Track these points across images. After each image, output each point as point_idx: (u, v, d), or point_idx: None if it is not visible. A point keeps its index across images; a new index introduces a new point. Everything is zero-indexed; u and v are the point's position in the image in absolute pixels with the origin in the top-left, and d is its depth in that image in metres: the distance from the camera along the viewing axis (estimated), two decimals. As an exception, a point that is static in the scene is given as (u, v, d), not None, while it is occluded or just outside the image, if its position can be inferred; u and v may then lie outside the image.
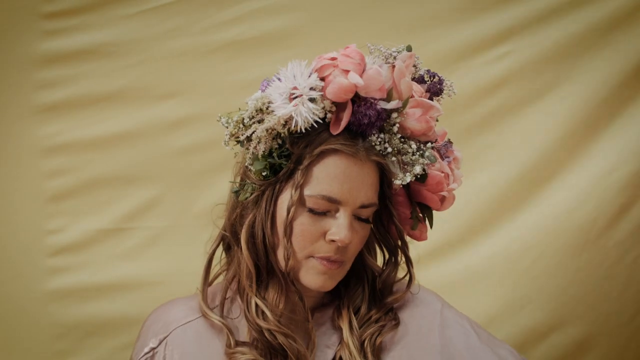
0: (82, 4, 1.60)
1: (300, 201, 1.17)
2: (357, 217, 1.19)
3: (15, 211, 1.60)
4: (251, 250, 1.21)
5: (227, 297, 1.28)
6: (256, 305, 1.21)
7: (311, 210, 1.17)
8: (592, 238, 1.80)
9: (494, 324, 1.76)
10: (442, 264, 1.78)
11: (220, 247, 1.32)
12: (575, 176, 1.79)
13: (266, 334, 1.20)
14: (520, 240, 1.79)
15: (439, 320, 1.31)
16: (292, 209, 1.16)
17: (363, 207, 1.18)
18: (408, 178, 1.19)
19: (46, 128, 1.61)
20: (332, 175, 1.16)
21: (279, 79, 1.18)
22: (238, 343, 1.23)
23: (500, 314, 1.79)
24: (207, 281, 1.30)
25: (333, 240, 1.17)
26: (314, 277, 1.19)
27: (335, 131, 1.16)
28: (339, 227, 1.16)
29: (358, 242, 1.21)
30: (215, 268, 1.32)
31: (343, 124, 1.15)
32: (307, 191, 1.16)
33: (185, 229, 1.66)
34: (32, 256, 1.60)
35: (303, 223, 1.17)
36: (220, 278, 1.32)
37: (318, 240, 1.18)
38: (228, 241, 1.30)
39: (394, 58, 1.22)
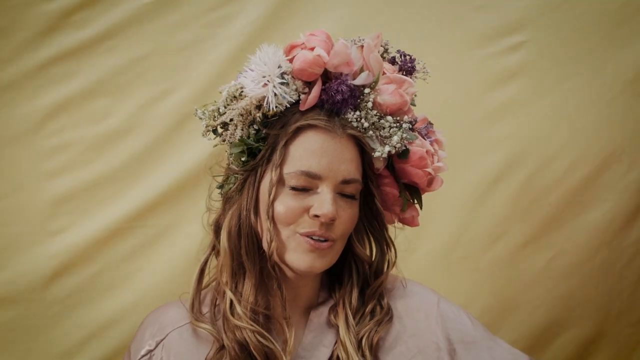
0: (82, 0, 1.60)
1: (281, 181, 1.16)
2: (341, 195, 1.18)
3: (16, 212, 1.57)
4: (232, 240, 1.20)
5: (217, 302, 1.26)
6: (230, 301, 1.20)
7: (293, 189, 1.16)
8: (607, 239, 1.76)
9: (507, 324, 1.72)
10: (453, 263, 1.73)
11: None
12: (590, 175, 1.76)
13: (237, 333, 1.18)
14: (535, 240, 1.75)
15: (436, 312, 1.28)
16: (273, 190, 1.16)
17: (345, 182, 1.17)
18: (387, 149, 1.19)
19: (47, 127, 1.60)
20: (309, 151, 1.16)
21: (250, 70, 1.20)
22: (223, 346, 1.20)
23: (512, 313, 1.74)
24: (198, 290, 1.28)
25: (317, 216, 1.15)
26: (302, 255, 1.17)
27: (303, 107, 1.17)
28: (321, 202, 1.15)
29: (346, 220, 1.19)
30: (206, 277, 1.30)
31: (311, 97, 1.17)
32: (286, 169, 1.16)
33: (187, 228, 1.63)
34: (33, 257, 1.57)
35: (285, 202, 1.16)
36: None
37: (301, 216, 1.17)
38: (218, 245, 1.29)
39: (363, 41, 1.24)
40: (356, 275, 1.26)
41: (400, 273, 1.33)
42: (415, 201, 1.29)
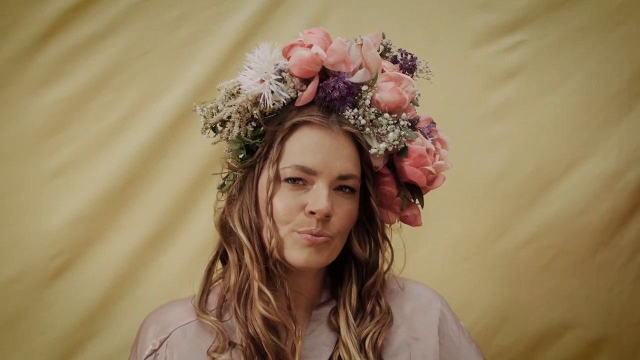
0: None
1: (277, 176, 1.17)
2: (340, 190, 1.18)
3: (17, 211, 1.58)
4: (253, 238, 1.20)
5: (224, 300, 1.26)
6: (259, 290, 1.18)
7: (288, 180, 1.16)
8: (606, 238, 1.74)
9: (508, 325, 1.70)
10: (453, 262, 1.72)
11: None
12: (589, 175, 1.74)
13: (250, 330, 1.18)
14: (535, 240, 1.73)
15: (438, 319, 1.30)
16: (271, 185, 1.17)
17: (341, 178, 1.18)
18: (383, 145, 1.19)
19: (47, 127, 1.60)
20: (304, 146, 1.17)
21: (249, 68, 1.21)
22: (230, 343, 1.21)
23: (514, 314, 1.73)
24: (206, 287, 1.28)
25: (313, 213, 1.16)
26: (299, 251, 1.17)
27: (299, 103, 1.18)
28: (317, 198, 1.16)
29: (342, 216, 1.19)
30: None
31: (306, 94, 1.17)
32: (282, 164, 1.17)
33: (188, 228, 1.63)
34: (34, 257, 1.57)
35: (282, 198, 1.17)
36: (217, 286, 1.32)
37: (298, 213, 1.17)
38: (224, 248, 1.28)
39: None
40: (355, 274, 1.26)
41: (404, 274, 1.32)
42: (417, 200, 1.29)
